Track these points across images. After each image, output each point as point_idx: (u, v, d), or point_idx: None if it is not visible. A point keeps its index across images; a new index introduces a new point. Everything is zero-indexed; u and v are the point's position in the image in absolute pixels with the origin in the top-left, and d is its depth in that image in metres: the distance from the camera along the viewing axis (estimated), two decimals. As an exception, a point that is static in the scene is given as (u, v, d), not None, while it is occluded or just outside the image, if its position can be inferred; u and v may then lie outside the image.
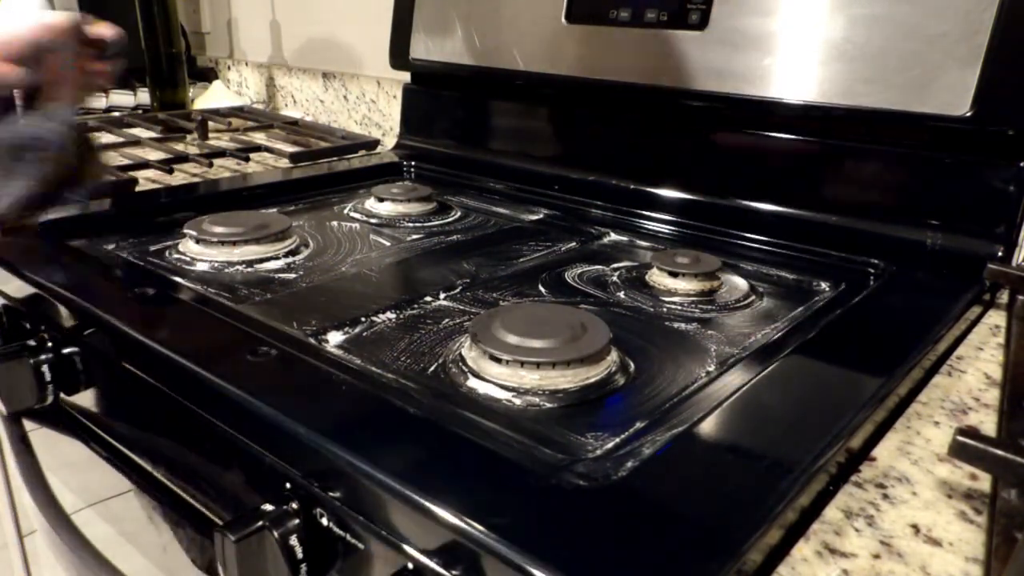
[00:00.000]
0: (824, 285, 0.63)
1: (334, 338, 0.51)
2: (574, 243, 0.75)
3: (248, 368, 0.45)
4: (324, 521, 0.37)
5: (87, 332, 0.56)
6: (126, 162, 0.97)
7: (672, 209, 0.79)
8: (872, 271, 0.65)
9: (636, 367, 0.48)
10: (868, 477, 0.38)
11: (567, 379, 0.44)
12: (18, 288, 0.62)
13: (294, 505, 0.38)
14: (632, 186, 0.83)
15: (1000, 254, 0.62)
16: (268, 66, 1.52)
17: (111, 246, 0.70)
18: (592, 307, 0.57)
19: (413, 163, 1.02)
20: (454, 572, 0.32)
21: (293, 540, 0.37)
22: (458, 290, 0.62)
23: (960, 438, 0.35)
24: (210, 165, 0.98)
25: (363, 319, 0.55)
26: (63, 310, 0.57)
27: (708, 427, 0.39)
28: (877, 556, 0.32)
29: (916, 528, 0.34)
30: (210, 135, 1.18)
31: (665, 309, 0.58)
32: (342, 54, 1.33)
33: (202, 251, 0.67)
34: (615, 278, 0.65)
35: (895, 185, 0.68)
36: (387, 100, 1.26)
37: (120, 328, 0.52)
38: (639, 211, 0.80)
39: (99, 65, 0.53)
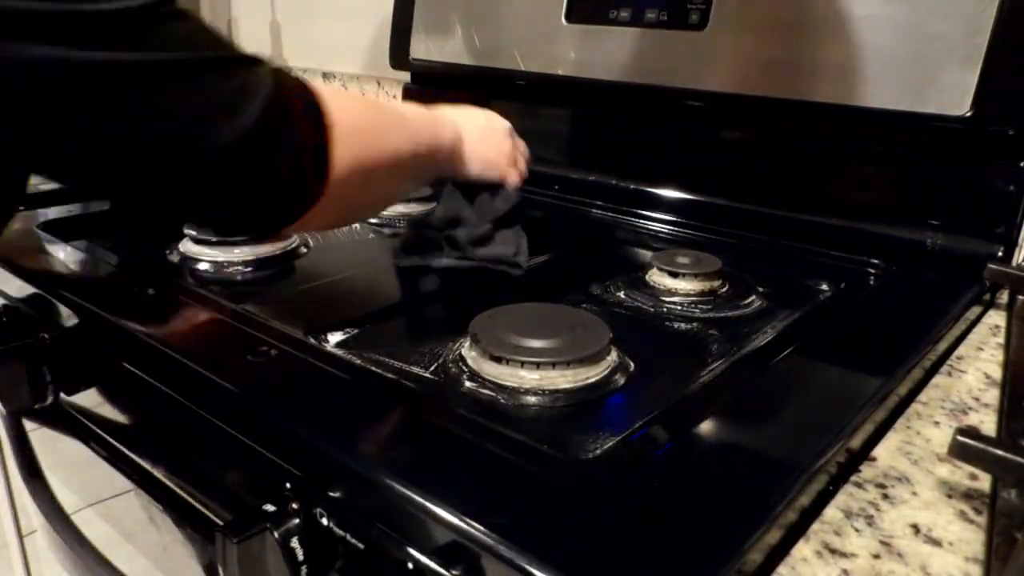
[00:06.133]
0: (824, 285, 0.63)
1: (334, 338, 0.51)
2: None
3: (248, 368, 0.45)
4: (324, 521, 0.37)
5: (87, 332, 0.56)
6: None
7: (672, 209, 0.79)
8: (872, 271, 0.65)
9: (636, 367, 0.48)
10: (868, 477, 0.38)
11: (567, 379, 0.44)
12: (18, 288, 0.62)
13: (294, 505, 0.38)
14: (632, 186, 0.83)
15: (1000, 254, 0.62)
16: (268, 66, 1.52)
17: (111, 246, 0.70)
18: (592, 307, 0.57)
19: (413, 163, 1.02)
20: (454, 572, 0.32)
21: (294, 541, 0.37)
22: (458, 290, 0.62)
23: (960, 438, 0.35)
24: (210, 165, 0.98)
25: (363, 319, 0.55)
26: (63, 310, 0.57)
27: (708, 427, 0.39)
28: (877, 556, 0.32)
29: (916, 528, 0.34)
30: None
31: (665, 309, 0.58)
32: (342, 54, 1.33)
33: (202, 251, 0.66)
34: (615, 278, 0.65)
35: (895, 185, 0.68)
36: (387, 100, 1.26)
37: (120, 328, 0.52)
38: (639, 211, 0.80)
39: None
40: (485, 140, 0.62)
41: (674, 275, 0.61)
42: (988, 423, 0.43)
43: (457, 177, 0.62)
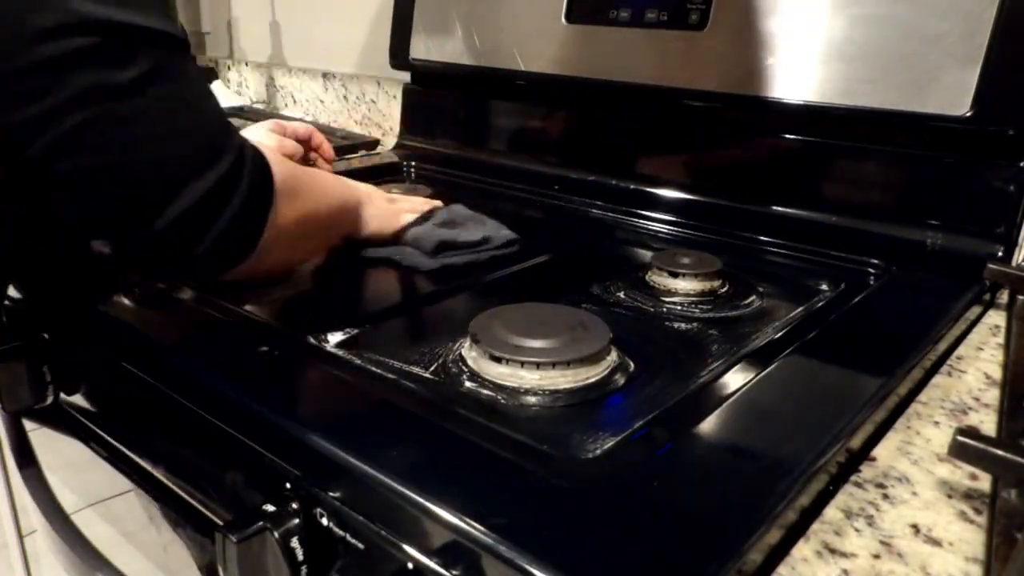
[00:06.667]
0: (824, 285, 0.63)
1: (334, 338, 0.51)
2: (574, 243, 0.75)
3: (248, 368, 0.45)
4: (324, 521, 0.37)
5: (87, 332, 0.56)
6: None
7: (672, 209, 0.79)
8: (872, 271, 0.65)
9: (636, 367, 0.48)
10: (868, 477, 0.38)
11: (567, 379, 0.44)
12: (18, 288, 0.62)
13: (294, 505, 0.38)
14: (632, 186, 0.83)
15: (1000, 254, 0.62)
16: (268, 66, 1.52)
17: (111, 244, 0.69)
18: (592, 307, 0.57)
19: (413, 163, 1.02)
20: (454, 572, 0.32)
21: (294, 541, 0.37)
22: (458, 290, 0.62)
23: (960, 438, 0.35)
24: (210, 165, 0.98)
25: (363, 319, 0.55)
26: (63, 310, 0.57)
27: (708, 427, 0.39)
28: (877, 556, 0.32)
29: (916, 528, 0.34)
30: (210, 135, 1.17)
31: (665, 309, 0.58)
32: (342, 54, 1.33)
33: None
34: (615, 278, 0.65)
35: (895, 185, 0.68)
36: (387, 100, 1.26)
37: (120, 328, 0.52)
38: (639, 211, 0.80)
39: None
40: (372, 203, 0.69)
41: (674, 275, 0.61)
42: (988, 423, 0.43)
43: (355, 236, 0.68)
